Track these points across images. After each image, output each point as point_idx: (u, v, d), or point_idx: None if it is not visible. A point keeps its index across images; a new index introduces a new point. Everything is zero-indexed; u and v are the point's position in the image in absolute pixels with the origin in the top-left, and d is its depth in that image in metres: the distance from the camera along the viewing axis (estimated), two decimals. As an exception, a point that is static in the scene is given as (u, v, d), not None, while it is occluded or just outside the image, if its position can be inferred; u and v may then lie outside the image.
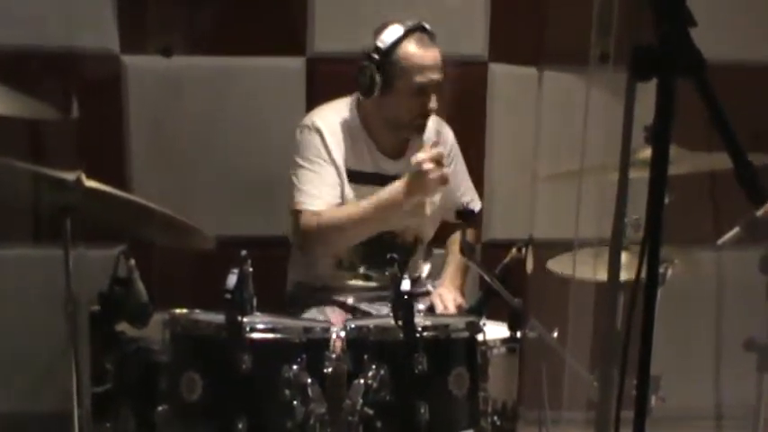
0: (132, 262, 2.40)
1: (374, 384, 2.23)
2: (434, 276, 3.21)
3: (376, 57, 2.84)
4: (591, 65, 2.61)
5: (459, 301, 3.00)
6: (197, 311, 2.37)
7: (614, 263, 1.91)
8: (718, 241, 2.80)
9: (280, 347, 2.28)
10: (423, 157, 2.76)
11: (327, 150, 2.93)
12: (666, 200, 1.47)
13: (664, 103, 1.41)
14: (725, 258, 2.70)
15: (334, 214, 2.88)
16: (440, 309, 2.97)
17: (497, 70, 3.69)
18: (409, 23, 2.87)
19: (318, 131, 2.94)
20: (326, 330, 2.35)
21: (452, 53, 2.93)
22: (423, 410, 2.20)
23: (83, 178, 2.31)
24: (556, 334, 2.63)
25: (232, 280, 2.15)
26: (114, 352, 2.40)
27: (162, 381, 2.29)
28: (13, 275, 3.43)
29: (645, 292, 1.47)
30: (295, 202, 2.92)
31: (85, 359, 2.40)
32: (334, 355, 2.31)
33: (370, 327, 2.36)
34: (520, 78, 3.72)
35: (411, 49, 2.84)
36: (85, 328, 2.40)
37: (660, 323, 1.50)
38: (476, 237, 3.26)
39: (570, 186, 2.81)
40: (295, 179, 2.93)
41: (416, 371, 2.20)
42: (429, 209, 2.95)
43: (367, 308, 2.98)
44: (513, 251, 2.56)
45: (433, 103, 2.90)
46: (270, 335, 2.28)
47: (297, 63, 3.58)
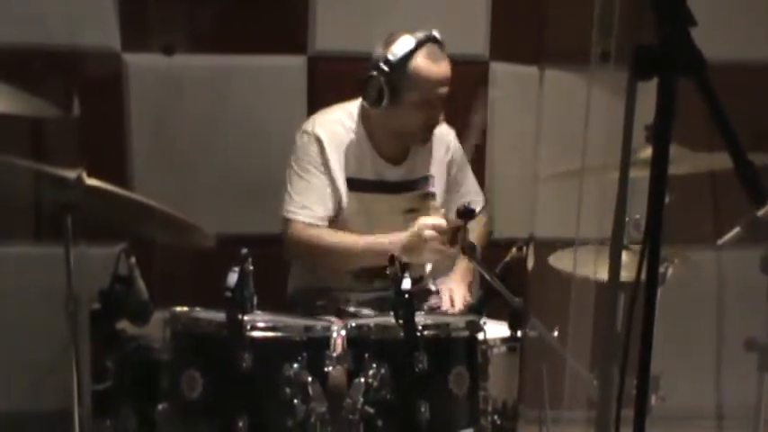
0: (133, 260, 2.41)
1: (375, 383, 2.23)
2: (436, 277, 3.21)
3: (385, 68, 2.81)
4: (592, 64, 2.61)
5: (468, 299, 3.01)
6: (198, 310, 2.37)
7: (615, 262, 1.91)
8: (719, 241, 2.80)
9: (280, 346, 2.28)
10: (428, 224, 2.75)
11: (325, 160, 2.92)
12: (667, 199, 1.48)
13: (664, 102, 1.41)
14: (725, 258, 2.70)
15: (324, 236, 2.89)
16: (447, 305, 2.96)
17: (498, 69, 3.70)
18: (420, 35, 2.83)
19: (318, 140, 2.93)
20: (327, 329, 2.35)
21: (454, 52, 2.92)
22: (423, 409, 2.19)
23: (84, 176, 2.31)
24: (556, 333, 2.63)
25: (233, 278, 2.15)
26: (115, 350, 2.40)
27: (162, 379, 2.29)
28: (14, 273, 3.43)
29: (645, 291, 1.47)
30: (285, 209, 2.93)
31: (86, 357, 2.40)
32: (334, 354, 2.31)
33: (371, 325, 2.36)
34: (521, 77, 3.72)
35: (422, 63, 2.82)
36: (86, 326, 2.40)
37: (660, 323, 1.50)
38: (485, 232, 3.25)
39: (571, 186, 2.81)
40: (288, 185, 2.94)
41: (417, 370, 2.20)
42: (431, 211, 2.96)
43: (367, 312, 2.97)
44: (514, 250, 2.57)
45: (440, 115, 2.93)
46: (270, 333, 2.27)
47: (298, 61, 3.58)
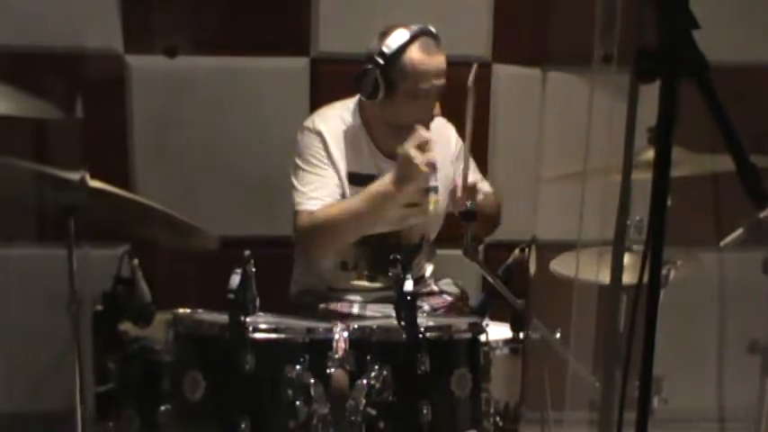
0: (136, 262, 2.41)
1: (377, 385, 2.23)
2: (438, 277, 3.21)
3: (380, 61, 2.82)
4: (594, 66, 2.60)
5: (487, 188, 3.03)
6: (200, 311, 2.37)
7: (617, 264, 1.91)
8: (721, 243, 2.80)
9: (283, 348, 2.28)
10: (408, 145, 2.75)
11: (328, 153, 2.93)
12: (669, 202, 1.47)
13: (666, 104, 1.41)
14: (728, 260, 2.70)
15: (327, 211, 2.87)
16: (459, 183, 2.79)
17: (501, 71, 3.70)
18: (415, 28, 2.84)
19: (319, 134, 2.93)
20: (329, 331, 2.35)
21: (456, 54, 2.92)
22: (425, 411, 2.20)
23: (87, 178, 2.31)
24: (558, 335, 2.63)
25: (235, 280, 2.15)
26: (117, 352, 2.41)
27: (165, 380, 2.29)
28: (17, 275, 3.43)
29: (647, 293, 1.47)
30: (295, 203, 2.92)
31: (88, 359, 2.40)
32: (337, 356, 2.31)
33: (373, 327, 2.36)
34: (523, 79, 3.73)
35: (416, 55, 2.83)
36: (89, 327, 2.40)
37: (663, 325, 1.50)
38: (496, 204, 3.17)
39: (573, 187, 2.81)
40: (295, 181, 2.93)
41: (419, 371, 2.20)
42: (432, 205, 2.94)
43: (371, 314, 2.97)
44: (516, 252, 2.57)
45: (436, 109, 2.91)
46: (273, 335, 2.27)
47: (300, 63, 3.58)
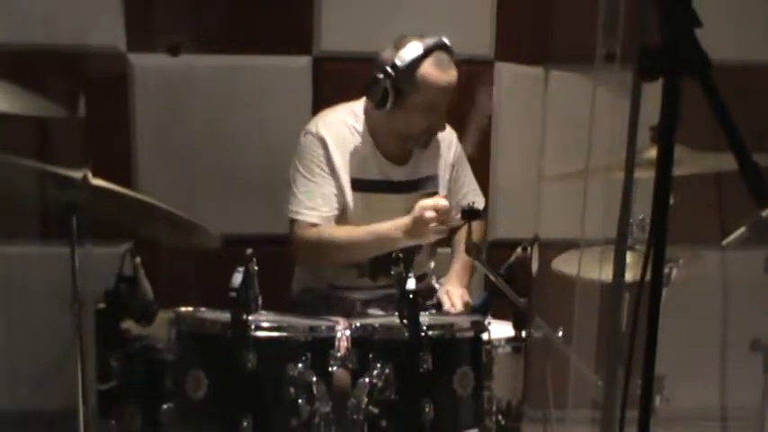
0: (138, 260, 2.41)
1: (379, 383, 2.24)
2: (439, 274, 3.21)
3: (392, 72, 2.81)
4: (597, 65, 2.60)
5: (466, 298, 3.01)
6: (202, 310, 2.37)
7: (619, 263, 1.91)
8: (724, 242, 2.79)
9: (285, 346, 2.28)
10: (428, 205, 2.75)
11: (329, 160, 2.92)
12: (672, 200, 1.47)
13: (669, 103, 1.41)
14: (730, 259, 2.69)
15: (330, 232, 2.89)
16: (447, 306, 2.97)
17: (504, 70, 3.69)
18: (429, 42, 2.83)
19: (322, 140, 2.93)
20: (332, 329, 2.35)
21: (458, 53, 2.92)
22: (427, 409, 2.20)
23: (89, 176, 2.31)
24: (561, 333, 2.63)
25: (237, 278, 2.15)
26: (120, 350, 2.41)
27: (167, 379, 2.30)
28: (20, 273, 3.43)
29: (650, 292, 1.47)
30: (291, 210, 2.93)
31: (91, 357, 2.40)
32: (339, 354, 2.31)
33: (375, 326, 2.36)
34: (526, 78, 3.72)
35: (429, 70, 2.82)
36: (91, 325, 2.40)
37: (665, 323, 1.50)
38: (482, 234, 3.26)
39: (576, 186, 2.81)
40: (294, 186, 2.94)
41: (421, 370, 2.20)
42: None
43: (373, 312, 2.98)
44: (519, 250, 2.56)
45: (443, 120, 2.94)
46: (275, 333, 2.28)
47: (303, 62, 3.58)
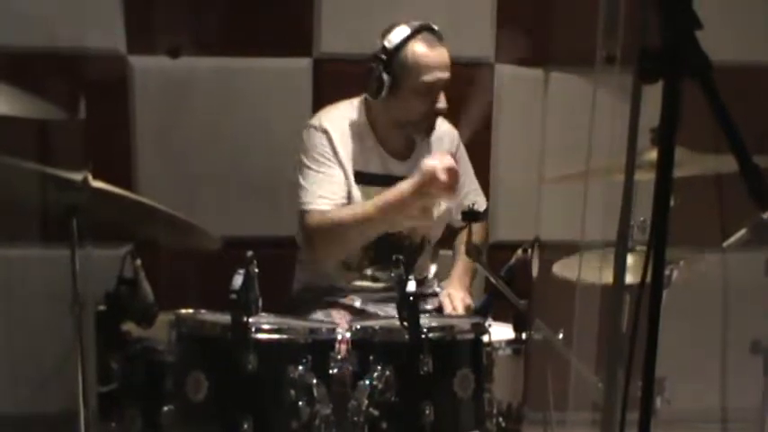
0: (138, 262, 2.41)
1: (379, 385, 2.23)
2: (441, 277, 3.21)
3: (383, 57, 2.84)
4: (597, 67, 2.60)
5: (468, 301, 3.00)
6: (203, 312, 2.37)
7: (620, 265, 1.91)
8: (725, 243, 2.79)
9: (285, 348, 2.28)
10: (437, 164, 2.72)
11: (334, 151, 2.92)
12: (672, 202, 1.47)
13: (669, 105, 1.41)
14: (731, 261, 2.69)
15: (338, 214, 2.87)
16: (448, 309, 2.97)
17: (504, 72, 3.70)
18: (415, 23, 2.87)
19: (325, 132, 2.93)
20: (332, 331, 2.35)
21: (459, 55, 2.93)
22: (428, 411, 2.19)
23: (89, 178, 2.31)
24: (561, 335, 2.63)
25: (238, 280, 2.15)
26: (120, 352, 2.41)
27: (167, 381, 2.29)
28: (20, 275, 3.43)
29: (650, 293, 1.47)
30: (301, 202, 2.90)
31: (91, 359, 2.40)
32: (339, 356, 2.31)
33: (376, 328, 2.35)
34: (526, 80, 3.73)
35: (418, 49, 2.84)
36: (91, 327, 2.40)
37: (665, 325, 1.50)
38: (483, 235, 3.26)
39: (576, 188, 2.81)
40: (301, 179, 2.92)
41: (422, 372, 2.19)
42: (436, 212, 2.95)
43: (374, 309, 2.98)
44: (519, 252, 2.57)
45: (442, 102, 2.89)
46: (275, 335, 2.27)
47: (303, 63, 3.58)
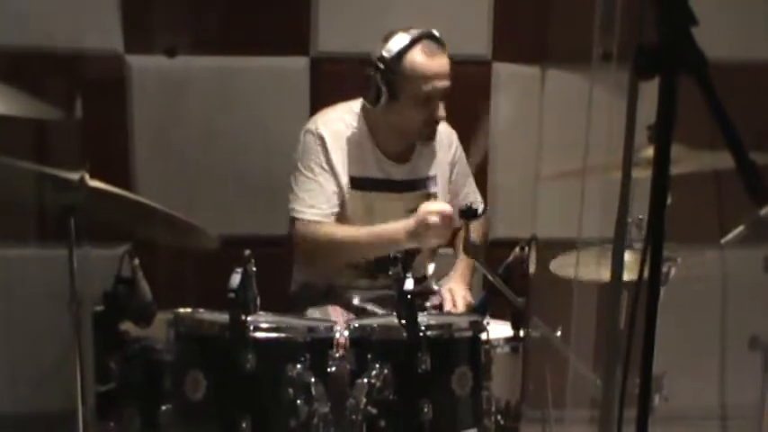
0: (136, 261, 2.41)
1: (377, 383, 2.24)
2: (439, 275, 3.21)
3: (382, 66, 2.82)
4: (594, 64, 2.60)
5: (469, 299, 3.01)
6: (201, 311, 2.37)
7: (617, 262, 1.91)
8: (722, 240, 2.80)
9: (283, 347, 2.28)
10: (433, 210, 2.75)
11: (328, 159, 2.92)
12: (669, 199, 1.47)
13: (666, 101, 1.40)
14: (729, 257, 2.70)
15: (331, 230, 2.89)
16: (449, 305, 2.97)
17: (501, 69, 3.70)
18: (416, 32, 2.84)
19: (321, 139, 2.93)
20: (330, 330, 2.35)
21: (456, 53, 2.92)
22: (426, 409, 2.20)
23: (87, 178, 2.32)
24: (559, 333, 2.63)
25: (236, 279, 2.15)
26: (118, 351, 2.41)
27: (166, 380, 2.30)
28: (18, 275, 3.43)
29: (647, 290, 1.47)
30: (291, 208, 2.92)
31: (89, 359, 2.40)
32: (337, 355, 2.31)
33: (374, 326, 2.36)
34: (523, 78, 3.72)
35: (417, 58, 2.82)
36: (89, 327, 2.40)
37: (664, 322, 1.50)
38: (484, 231, 3.26)
39: (573, 185, 2.81)
40: (294, 184, 2.93)
41: (420, 370, 2.19)
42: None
43: (371, 308, 2.98)
44: (517, 250, 2.56)
45: (441, 111, 2.89)
46: (273, 334, 2.28)
47: (301, 63, 3.58)
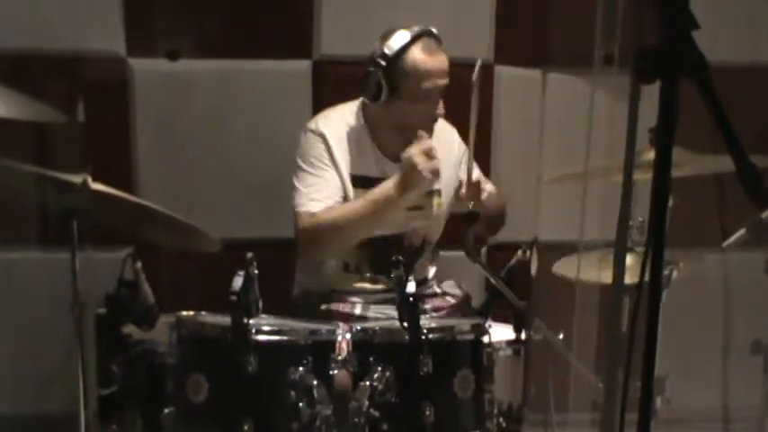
0: (139, 264, 2.42)
1: (380, 386, 2.23)
2: (441, 278, 3.21)
3: (382, 63, 2.83)
4: (595, 67, 2.60)
5: (489, 187, 2.98)
6: (203, 314, 2.37)
7: (619, 265, 1.92)
8: (724, 243, 2.80)
9: (285, 349, 2.28)
10: (413, 151, 2.77)
11: (330, 155, 2.93)
12: (671, 202, 1.47)
13: (667, 105, 1.41)
14: (730, 260, 2.70)
15: (329, 213, 2.87)
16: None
17: (502, 73, 3.70)
18: (416, 29, 2.86)
19: (322, 136, 2.94)
20: (332, 332, 2.35)
21: (457, 56, 2.93)
22: (428, 412, 2.20)
23: (89, 181, 2.32)
24: (561, 336, 2.63)
25: (238, 282, 2.15)
26: (121, 354, 2.42)
27: (168, 383, 2.30)
28: (21, 278, 3.43)
29: (649, 293, 1.47)
30: (295, 204, 2.92)
31: (92, 361, 2.41)
32: (339, 358, 2.31)
33: (376, 329, 2.36)
34: (525, 81, 3.73)
35: (418, 55, 2.84)
36: (92, 330, 2.41)
37: (666, 325, 1.50)
38: (500, 204, 3.15)
39: (575, 189, 2.81)
40: (296, 182, 2.93)
41: (422, 373, 2.20)
42: (435, 208, 2.95)
43: (374, 313, 2.97)
44: (518, 253, 2.57)
45: (440, 109, 2.90)
46: (276, 337, 2.28)
47: (303, 66, 3.58)
